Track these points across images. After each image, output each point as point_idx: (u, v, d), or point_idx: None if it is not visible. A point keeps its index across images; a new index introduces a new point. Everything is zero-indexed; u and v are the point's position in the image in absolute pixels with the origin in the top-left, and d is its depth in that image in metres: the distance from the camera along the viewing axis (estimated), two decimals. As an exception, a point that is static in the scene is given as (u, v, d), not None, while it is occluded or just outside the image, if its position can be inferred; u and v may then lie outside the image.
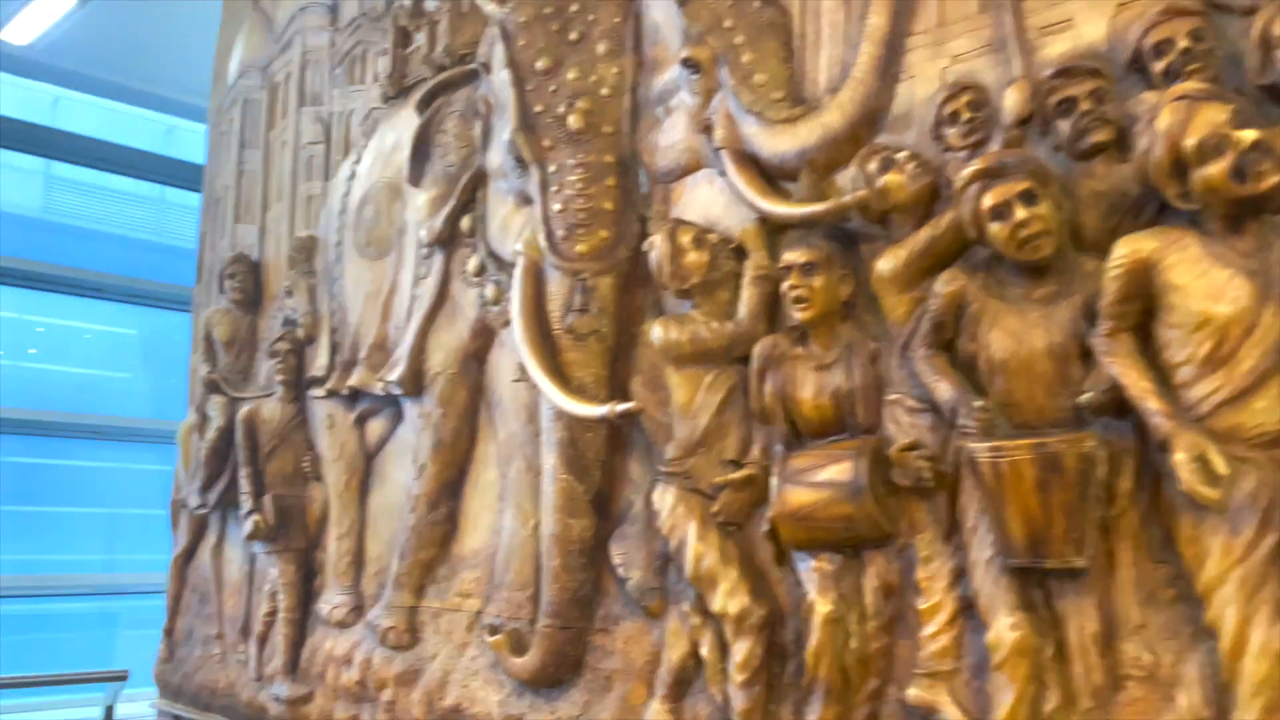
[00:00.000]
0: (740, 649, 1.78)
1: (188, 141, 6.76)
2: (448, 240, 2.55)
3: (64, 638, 6.60)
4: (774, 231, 1.89)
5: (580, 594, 2.11)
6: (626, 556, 2.06)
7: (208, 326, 3.33)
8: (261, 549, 2.94)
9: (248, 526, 2.88)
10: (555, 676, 2.12)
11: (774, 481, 1.75)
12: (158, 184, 7.10)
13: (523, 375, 2.34)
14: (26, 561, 6.58)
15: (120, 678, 3.60)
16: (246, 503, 2.92)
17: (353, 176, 2.91)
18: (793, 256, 1.75)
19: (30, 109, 6.32)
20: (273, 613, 2.93)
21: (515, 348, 2.28)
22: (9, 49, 5.61)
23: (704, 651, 1.86)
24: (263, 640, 2.96)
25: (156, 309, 6.77)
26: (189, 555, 3.38)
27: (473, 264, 2.50)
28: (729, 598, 1.81)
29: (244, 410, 3.01)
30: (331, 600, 2.74)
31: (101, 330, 7.26)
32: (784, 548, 1.77)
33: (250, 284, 3.30)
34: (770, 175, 1.89)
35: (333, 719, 2.62)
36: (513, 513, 2.32)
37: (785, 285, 1.76)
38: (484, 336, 2.49)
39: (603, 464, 2.13)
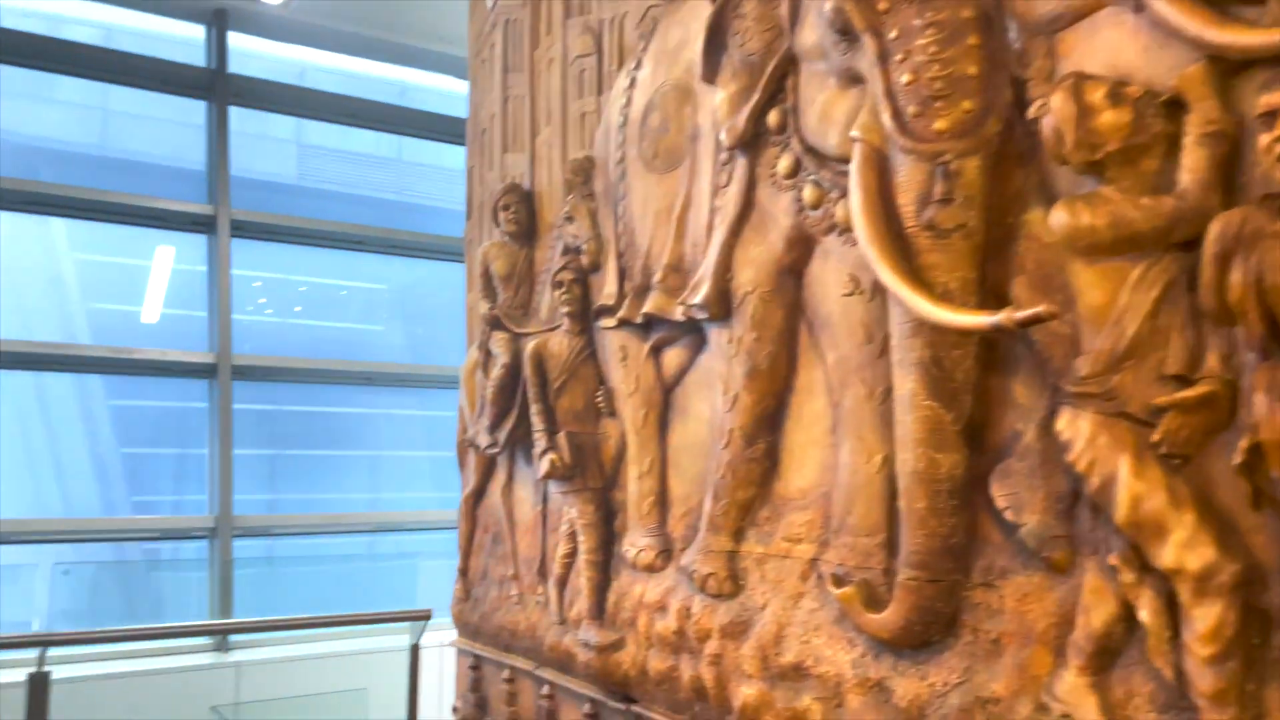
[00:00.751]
0: (1205, 615, 1.39)
1: (424, 99, 6.98)
2: (751, 140, 2.24)
3: (335, 572, 7.08)
4: (1230, 73, 1.43)
5: (951, 541, 1.77)
6: (1015, 498, 1.70)
7: (485, 261, 3.22)
8: (557, 488, 2.81)
9: (543, 465, 2.74)
10: (923, 636, 1.81)
11: (1258, 399, 1.33)
12: (397, 136, 7.33)
13: (855, 289, 2.01)
14: (305, 501, 7.15)
15: (423, 616, 3.68)
16: (540, 441, 2.79)
17: (632, 85, 2.65)
18: (1277, 99, 1.31)
19: (282, 71, 6.64)
20: (571, 554, 2.80)
21: (847, 256, 1.95)
22: (265, 9, 5.86)
23: (1142, 615, 1.48)
24: (562, 583, 2.84)
25: (407, 258, 7.02)
26: (479, 494, 3.34)
27: (784, 164, 2.18)
28: (1186, 550, 1.41)
29: (530, 345, 2.87)
30: (636, 543, 2.56)
31: (356, 286, 7.69)
32: (1264, 487, 1.35)
33: (525, 214, 3.15)
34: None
35: (647, 668, 2.45)
36: (851, 447, 2.01)
37: (1268, 139, 1.32)
38: (801, 247, 2.17)
39: (974, 387, 1.76)
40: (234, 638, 5.33)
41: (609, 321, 2.69)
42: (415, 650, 3.56)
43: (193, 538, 5.72)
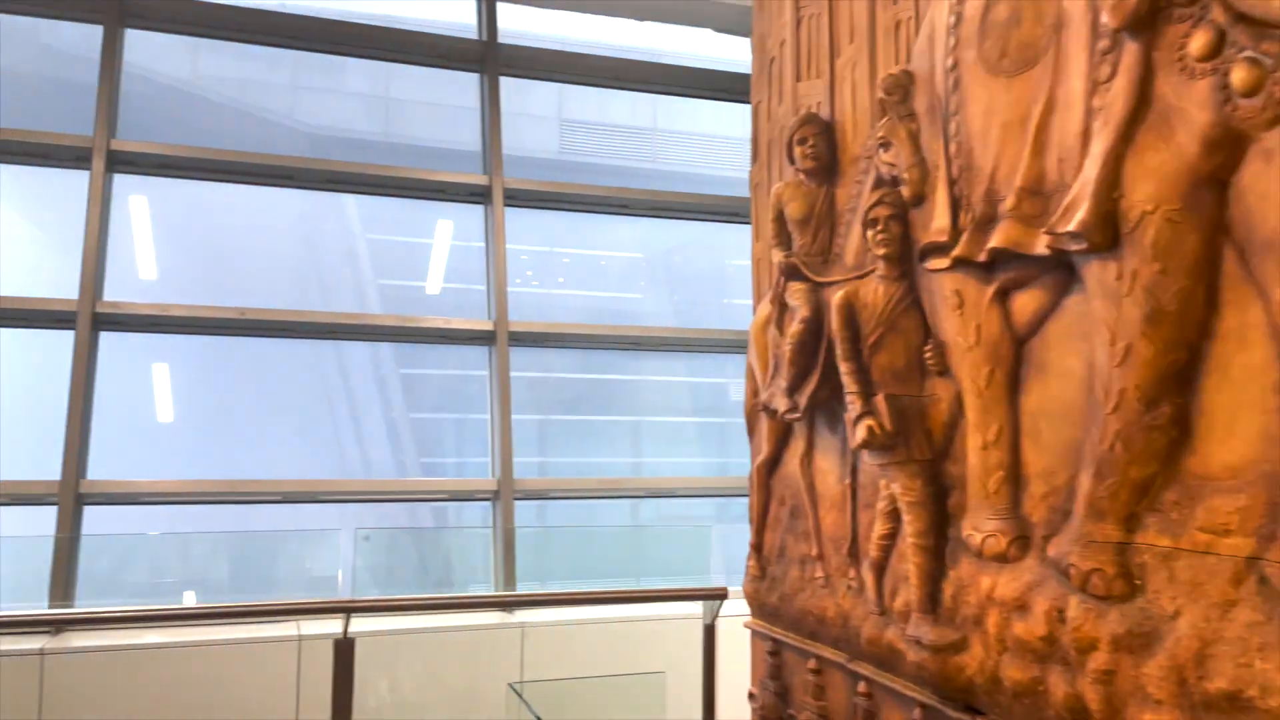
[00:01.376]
0: None
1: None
2: (1147, 17, 1.73)
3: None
4: None
5: None
6: None
7: (777, 204, 2.88)
8: (873, 460, 2.43)
9: (858, 433, 2.37)
10: None
11: None
12: (651, 107, 7.20)
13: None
14: (571, 465, 7.24)
15: (719, 595, 3.46)
16: (854, 405, 2.41)
17: (966, -25, 2.19)
18: None
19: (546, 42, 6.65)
20: (890, 535, 2.42)
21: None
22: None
23: None
24: (879, 567, 2.47)
25: (667, 220, 6.85)
26: (772, 463, 3.02)
27: (1198, 43, 1.65)
28: None
29: (837, 295, 2.50)
30: (981, 526, 2.13)
31: (615, 256, 7.69)
32: None
33: (824, 147, 2.77)
34: None
35: (1000, 676, 2.03)
36: (1317, 411, 1.48)
37: None
38: (1226, 149, 1.64)
39: None
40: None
41: (939, 262, 2.26)
42: (710, 631, 3.35)
43: (477, 499, 5.87)
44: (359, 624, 3.58)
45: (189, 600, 5.49)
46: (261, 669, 4.60)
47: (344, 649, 3.09)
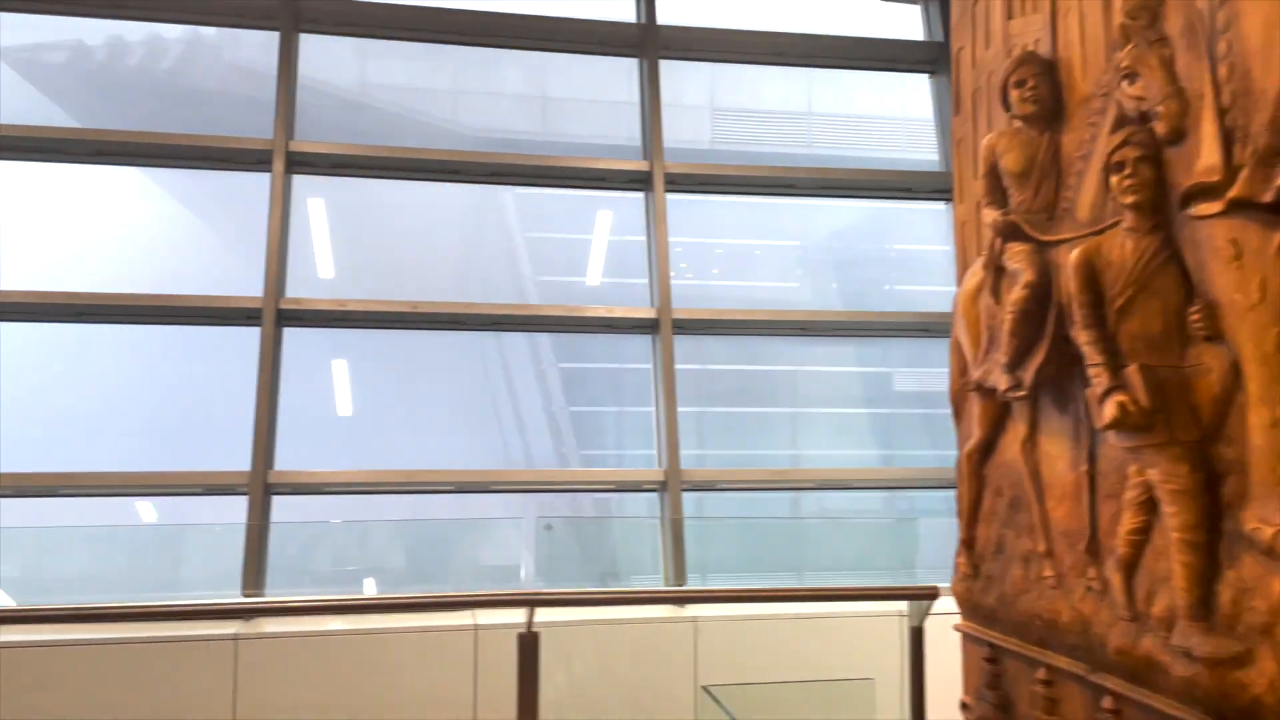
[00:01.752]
0: None
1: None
2: None
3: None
4: None
5: None
6: None
7: (990, 157, 2.57)
8: (1122, 442, 2.11)
9: (1107, 411, 2.05)
10: None
11: None
12: (806, 91, 6.90)
13: None
14: (729, 456, 7.02)
15: (928, 595, 3.18)
16: (1099, 379, 2.09)
17: None
18: None
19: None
20: (1142, 530, 2.09)
21: None
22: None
23: None
24: (1129, 566, 2.14)
25: (829, 202, 6.55)
26: (986, 449, 2.71)
27: None
28: None
29: (1073, 255, 2.18)
30: (1271, 518, 1.78)
31: (770, 245, 7.44)
32: None
33: (1046, 89, 2.44)
34: None
35: (1307, 701, 1.69)
36: None
37: None
38: None
39: None
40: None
41: (1208, 207, 1.91)
42: (919, 634, 3.07)
43: (644, 490, 5.75)
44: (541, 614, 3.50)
45: (370, 587, 5.62)
46: (440, 655, 4.62)
47: (528, 643, 3.01)
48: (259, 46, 5.99)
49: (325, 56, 6.11)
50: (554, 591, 3.51)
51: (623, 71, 6.39)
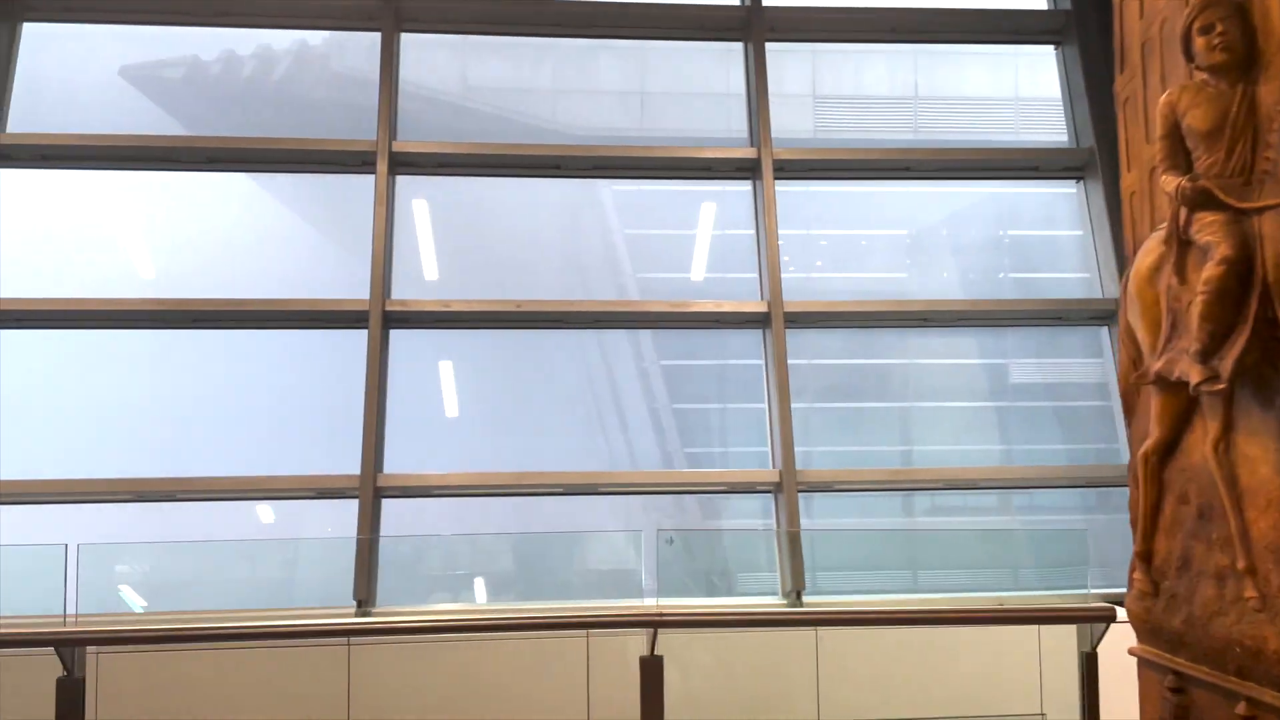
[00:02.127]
0: None
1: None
2: None
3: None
4: None
5: None
6: None
7: (1171, 116, 2.24)
8: (1355, 442, 1.78)
9: (1338, 405, 1.73)
10: None
11: None
12: (912, 74, 6.54)
13: None
14: (843, 454, 6.70)
15: (1104, 617, 2.86)
16: (1325, 367, 1.77)
17: None
18: None
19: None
20: (1381, 546, 1.76)
21: None
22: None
23: None
24: (1363, 588, 1.81)
25: (929, 190, 6.17)
26: (1166, 449, 2.39)
27: None
28: None
29: (1285, 222, 1.86)
30: None
31: (876, 235, 7.10)
32: None
33: (1237, 34, 2.11)
34: None
35: None
36: None
37: None
38: None
39: None
40: (808, 598, 5.02)
41: None
42: (1091, 660, 2.75)
43: (757, 491, 5.51)
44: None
45: (481, 590, 5.54)
46: (555, 659, 4.49)
47: (652, 668, 2.81)
48: (364, 54, 6.00)
49: (426, 62, 6.07)
50: (677, 610, 3.26)
51: (723, 62, 6.16)
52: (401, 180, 5.74)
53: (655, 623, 3.09)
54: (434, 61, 6.14)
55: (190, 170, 5.62)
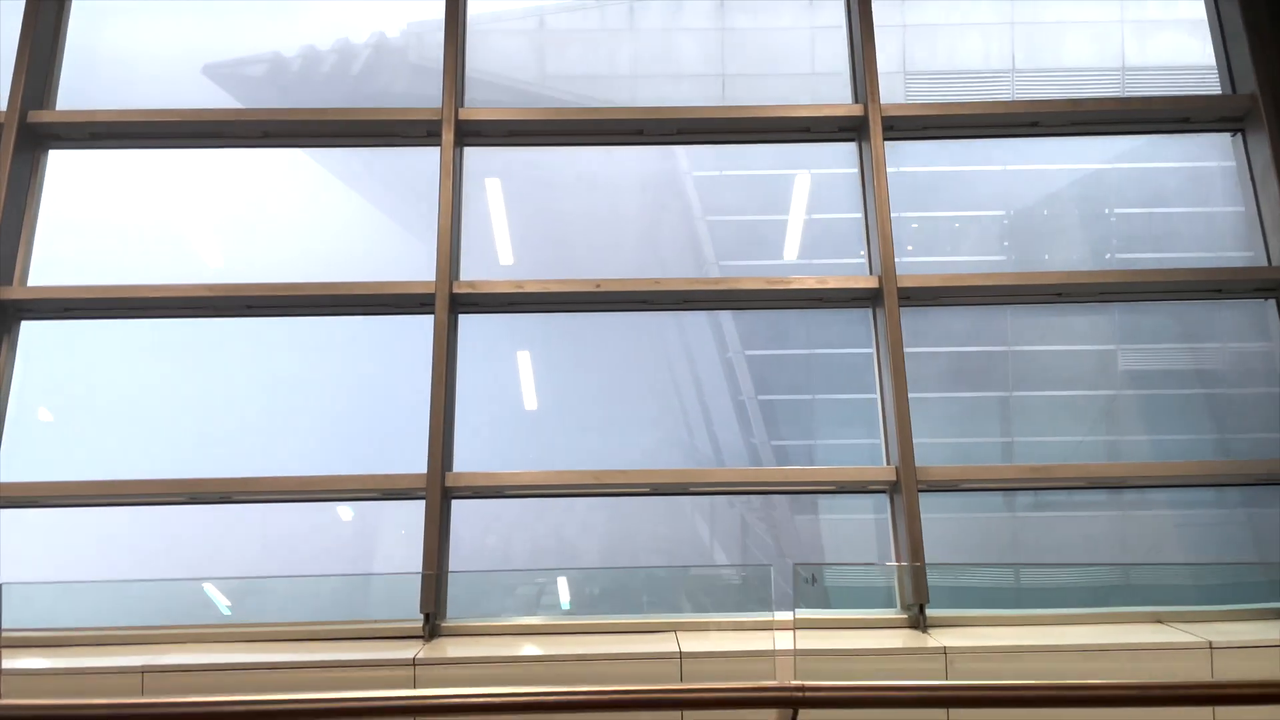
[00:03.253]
0: None
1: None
2: None
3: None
4: None
5: None
6: None
7: None
8: None
9: None
10: None
11: None
12: (1009, 45, 5.80)
13: None
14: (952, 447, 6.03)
15: None
16: None
17: None
18: None
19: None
20: None
21: None
22: None
23: None
24: None
25: (1030, 166, 5.44)
26: None
27: None
28: None
29: None
30: None
31: (970, 216, 6.40)
32: None
33: None
34: None
35: None
36: None
37: None
38: None
39: None
40: (933, 611, 4.37)
41: None
42: None
43: (870, 490, 4.87)
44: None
45: (564, 595, 5.00)
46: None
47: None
48: (442, 46, 5.58)
49: (500, 49, 5.58)
50: (824, 689, 2.58)
51: (811, 37, 5.54)
52: (470, 154, 5.25)
53: (795, 699, 2.47)
54: (509, 48, 5.67)
55: (243, 147, 5.21)
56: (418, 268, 5.00)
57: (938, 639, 4.21)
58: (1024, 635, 4.23)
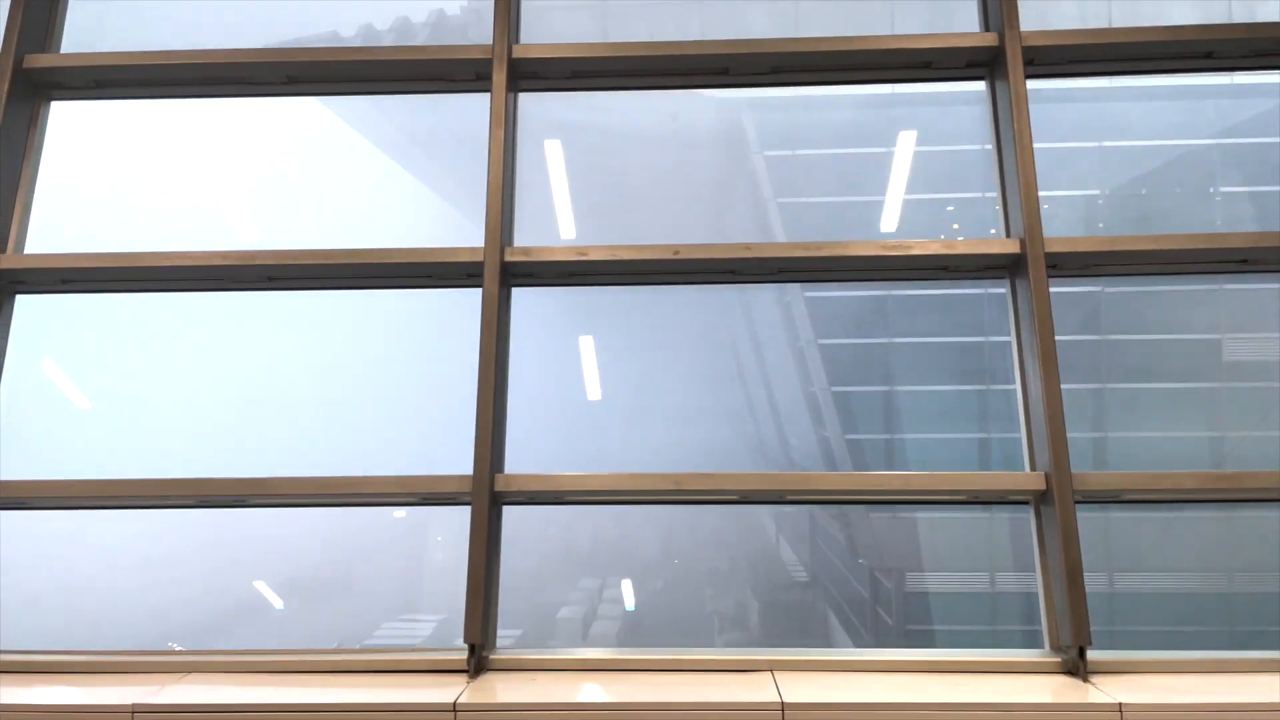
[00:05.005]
0: None
1: None
2: None
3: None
4: None
5: None
6: None
7: None
8: None
9: None
10: None
11: None
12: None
13: None
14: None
15: None
16: None
17: None
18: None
19: None
20: None
21: None
22: None
23: None
24: None
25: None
26: None
27: None
28: None
29: None
30: None
31: (1058, 196, 5.57)
32: None
33: None
34: None
35: None
36: None
37: None
38: None
39: None
40: (1094, 655, 3.49)
41: None
42: None
43: (1010, 502, 3.99)
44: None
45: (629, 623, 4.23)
46: (734, 750, 3.13)
47: None
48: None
49: (560, 28, 4.82)
50: None
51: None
52: (525, 101, 4.47)
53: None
54: (569, 24, 4.91)
55: (268, 95, 4.51)
56: (462, 238, 4.25)
57: (1106, 690, 3.33)
58: (1217, 687, 3.32)
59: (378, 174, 5.28)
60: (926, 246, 4.05)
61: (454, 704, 3.25)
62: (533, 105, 4.52)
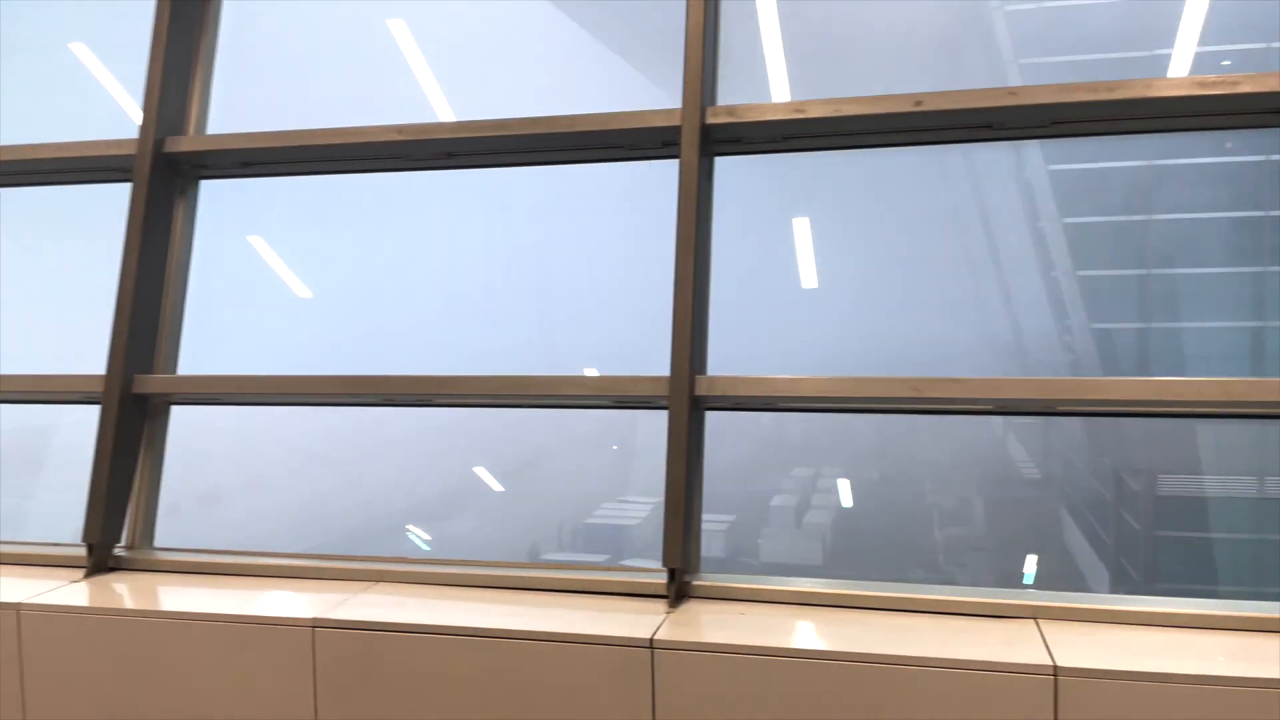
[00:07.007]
0: None
1: None
2: None
3: None
4: None
5: None
6: None
7: None
8: None
9: None
10: None
11: None
12: None
13: None
14: None
15: None
16: None
17: None
18: None
19: None
20: None
21: None
22: None
23: None
24: None
25: None
26: None
27: None
28: None
29: None
30: None
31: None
32: None
33: None
34: None
35: None
36: None
37: None
38: None
39: None
40: None
41: None
42: None
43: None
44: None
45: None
46: (963, 707, 2.52)
47: None
48: None
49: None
50: None
51: None
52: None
53: None
54: None
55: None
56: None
57: None
58: None
59: (563, 41, 4.73)
60: (1263, 81, 3.03)
61: (650, 640, 2.80)
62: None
